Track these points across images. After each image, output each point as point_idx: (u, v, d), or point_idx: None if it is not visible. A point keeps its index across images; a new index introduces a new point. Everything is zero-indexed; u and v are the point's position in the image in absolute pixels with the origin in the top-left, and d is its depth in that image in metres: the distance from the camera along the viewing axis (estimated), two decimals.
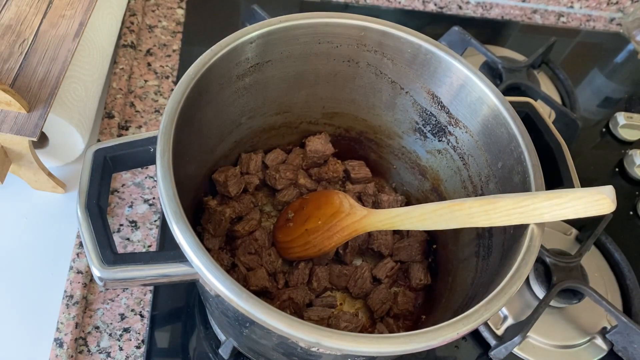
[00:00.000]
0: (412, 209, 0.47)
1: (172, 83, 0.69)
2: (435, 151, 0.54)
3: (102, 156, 0.42)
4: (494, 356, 0.54)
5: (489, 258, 0.45)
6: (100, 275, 0.37)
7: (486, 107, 0.47)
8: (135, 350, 0.51)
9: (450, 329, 0.35)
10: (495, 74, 0.76)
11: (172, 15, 0.76)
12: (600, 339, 0.57)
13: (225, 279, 0.34)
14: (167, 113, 0.40)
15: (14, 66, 0.52)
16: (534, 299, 0.58)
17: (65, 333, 0.49)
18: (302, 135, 0.59)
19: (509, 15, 0.88)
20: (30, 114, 0.49)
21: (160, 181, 0.37)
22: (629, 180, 0.73)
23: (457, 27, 0.76)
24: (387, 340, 0.34)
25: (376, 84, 0.53)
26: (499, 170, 0.46)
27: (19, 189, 0.58)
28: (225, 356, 0.51)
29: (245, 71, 0.48)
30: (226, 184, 0.53)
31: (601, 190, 0.37)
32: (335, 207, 0.51)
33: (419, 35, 0.48)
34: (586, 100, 0.81)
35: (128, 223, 0.58)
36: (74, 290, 0.51)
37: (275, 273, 0.53)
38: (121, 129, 0.64)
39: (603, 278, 0.62)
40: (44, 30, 0.54)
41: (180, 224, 0.35)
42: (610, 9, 0.92)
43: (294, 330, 0.33)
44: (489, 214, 0.41)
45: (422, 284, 0.54)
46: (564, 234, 0.64)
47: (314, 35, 0.49)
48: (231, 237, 0.54)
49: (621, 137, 0.76)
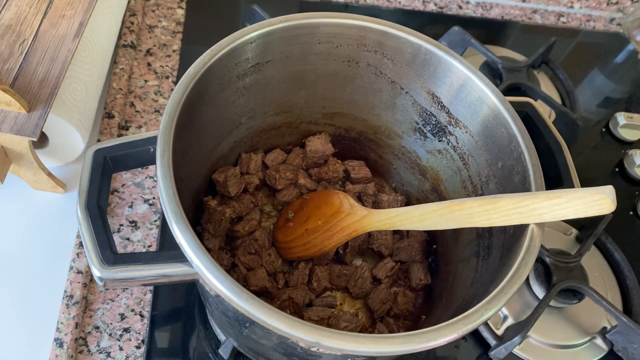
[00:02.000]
0: (412, 209, 0.47)
1: (172, 83, 0.69)
2: (435, 151, 0.54)
3: (102, 156, 0.42)
4: (494, 356, 0.54)
5: (489, 258, 0.45)
6: (100, 275, 0.37)
7: (486, 107, 0.47)
8: (135, 350, 0.51)
9: (450, 329, 0.35)
10: (495, 74, 0.76)
11: (172, 15, 0.76)
12: (600, 339, 0.57)
13: (225, 279, 0.34)
14: (167, 113, 0.40)
15: (14, 66, 0.52)
16: (534, 299, 0.58)
17: (65, 333, 0.49)
18: (302, 135, 0.59)
19: (509, 15, 0.88)
20: (30, 114, 0.49)
21: (160, 181, 0.37)
22: (629, 180, 0.73)
23: (457, 27, 0.76)
24: (387, 340, 0.34)
25: (376, 84, 0.53)
26: (499, 170, 0.46)
27: (19, 189, 0.58)
28: (225, 356, 0.51)
29: (245, 71, 0.48)
30: (226, 184, 0.53)
31: (601, 190, 0.37)
32: (335, 207, 0.51)
33: (419, 35, 0.48)
34: (586, 100, 0.81)
35: (128, 223, 0.58)
36: (74, 290, 0.51)
37: (275, 273, 0.53)
38: (121, 129, 0.64)
39: (603, 278, 0.62)
40: (44, 30, 0.54)
41: (180, 224, 0.35)
42: (610, 9, 0.92)
43: (294, 330, 0.33)
44: (489, 214, 0.41)
45: (422, 284, 0.54)
46: (564, 234, 0.64)
47: (314, 35, 0.49)
48: (231, 237, 0.54)
49: (621, 137, 0.76)
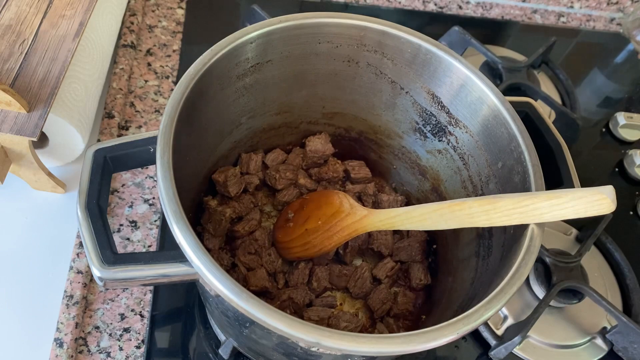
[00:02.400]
0: (412, 209, 0.46)
1: (172, 83, 0.69)
2: (436, 151, 0.54)
3: (102, 156, 0.42)
4: (494, 356, 0.54)
5: (489, 258, 0.45)
6: (100, 275, 0.37)
7: (486, 107, 0.47)
8: (135, 350, 0.51)
9: (450, 329, 0.35)
10: (495, 74, 0.76)
11: (172, 15, 0.76)
12: (600, 339, 0.57)
13: (225, 279, 0.34)
14: (167, 113, 0.40)
15: (14, 66, 0.52)
16: (534, 299, 0.58)
17: (65, 333, 0.49)
18: (302, 135, 0.59)
19: (509, 15, 0.88)
20: (30, 114, 0.49)
21: (160, 181, 0.37)
22: (629, 180, 0.73)
23: (457, 27, 0.76)
24: (387, 340, 0.34)
25: (376, 84, 0.53)
26: (499, 170, 0.46)
27: (19, 189, 0.58)
28: (225, 356, 0.51)
29: (245, 71, 0.48)
30: (226, 184, 0.53)
31: (601, 190, 0.37)
32: (335, 207, 0.51)
33: (419, 35, 0.48)
34: (586, 100, 0.81)
35: (128, 223, 0.58)
36: (74, 290, 0.51)
37: (275, 273, 0.53)
38: (121, 129, 0.64)
39: (603, 278, 0.62)
40: (44, 30, 0.54)
41: (180, 224, 0.35)
42: (610, 9, 0.92)
43: (294, 330, 0.33)
44: (489, 214, 0.41)
45: (422, 284, 0.54)
46: (564, 234, 0.64)
47: (314, 35, 0.49)
48: (231, 237, 0.54)
49: (621, 137, 0.76)
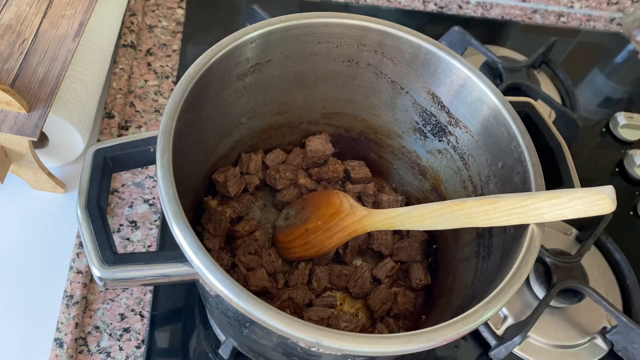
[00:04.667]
0: (412, 209, 0.47)
1: (172, 83, 0.69)
2: (436, 151, 0.54)
3: (102, 156, 0.42)
4: (494, 356, 0.54)
5: (489, 258, 0.45)
6: (100, 275, 0.37)
7: (486, 107, 0.47)
8: (135, 350, 0.51)
9: (450, 329, 0.35)
10: (495, 74, 0.76)
11: (172, 15, 0.76)
12: (600, 339, 0.57)
13: (225, 279, 0.34)
14: (167, 113, 0.40)
15: (14, 66, 0.52)
16: (534, 299, 0.58)
17: (65, 333, 0.49)
18: (302, 135, 0.59)
19: (509, 15, 0.88)
20: (30, 114, 0.49)
21: (160, 181, 0.37)
22: (629, 180, 0.73)
23: (457, 27, 0.76)
24: (387, 340, 0.34)
25: (376, 84, 0.53)
26: (499, 170, 0.46)
27: (19, 189, 0.58)
28: (225, 356, 0.50)
29: (245, 71, 0.48)
30: (226, 184, 0.53)
31: (601, 190, 0.37)
32: (335, 207, 0.51)
33: (419, 35, 0.48)
34: (586, 100, 0.81)
35: (128, 223, 0.58)
36: (74, 290, 0.51)
37: (275, 273, 0.53)
38: (121, 129, 0.64)
39: (603, 278, 0.62)
40: (44, 30, 0.54)
41: (180, 224, 0.35)
42: (610, 9, 0.92)
43: (294, 330, 0.33)
44: (489, 214, 0.41)
45: (422, 284, 0.54)
46: (564, 234, 0.64)
47: (314, 35, 0.49)
48: (231, 237, 0.54)
49: (621, 137, 0.76)
